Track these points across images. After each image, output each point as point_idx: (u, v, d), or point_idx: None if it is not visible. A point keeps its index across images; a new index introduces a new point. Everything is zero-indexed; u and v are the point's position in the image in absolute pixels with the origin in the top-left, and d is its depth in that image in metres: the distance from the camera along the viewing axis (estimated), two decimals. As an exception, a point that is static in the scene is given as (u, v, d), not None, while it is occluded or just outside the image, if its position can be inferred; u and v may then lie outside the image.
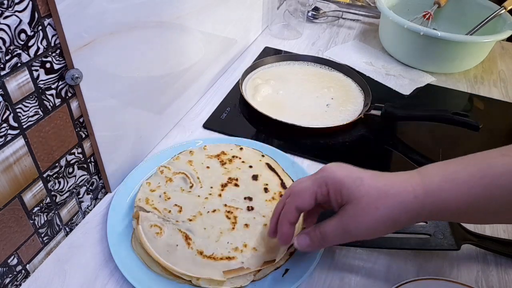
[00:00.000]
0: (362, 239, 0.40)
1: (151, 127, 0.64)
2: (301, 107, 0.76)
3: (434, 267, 0.51)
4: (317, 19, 1.10)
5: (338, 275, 0.50)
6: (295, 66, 0.87)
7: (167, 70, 0.63)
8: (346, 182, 0.40)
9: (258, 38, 1.01)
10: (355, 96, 0.79)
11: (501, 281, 0.50)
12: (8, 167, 0.41)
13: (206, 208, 0.53)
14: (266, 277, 0.48)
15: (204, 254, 0.48)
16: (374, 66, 0.92)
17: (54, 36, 0.41)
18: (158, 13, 0.56)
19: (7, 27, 0.36)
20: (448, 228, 0.49)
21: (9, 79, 0.38)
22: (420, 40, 0.84)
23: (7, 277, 0.46)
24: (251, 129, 0.72)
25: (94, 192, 0.57)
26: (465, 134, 0.68)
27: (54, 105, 0.44)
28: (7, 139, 0.40)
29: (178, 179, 0.58)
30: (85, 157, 0.52)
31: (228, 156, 0.61)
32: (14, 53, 0.38)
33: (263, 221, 0.52)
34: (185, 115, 0.74)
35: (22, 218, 0.45)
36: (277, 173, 0.59)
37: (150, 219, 0.51)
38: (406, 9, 0.99)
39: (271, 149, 0.64)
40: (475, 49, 0.85)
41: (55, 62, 0.43)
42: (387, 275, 0.50)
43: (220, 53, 0.82)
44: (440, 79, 0.88)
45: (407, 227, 0.50)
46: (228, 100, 0.78)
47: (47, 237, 0.50)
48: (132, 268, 0.48)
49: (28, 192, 0.45)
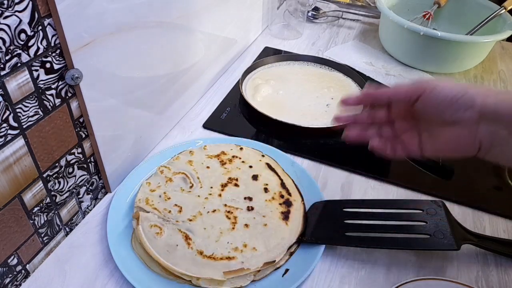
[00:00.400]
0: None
1: (151, 127, 0.64)
2: (301, 107, 0.75)
3: (434, 267, 0.51)
4: (317, 19, 1.10)
5: (338, 275, 0.50)
6: (295, 66, 0.87)
7: (167, 70, 0.63)
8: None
9: (258, 38, 1.01)
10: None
11: (501, 281, 0.50)
12: (8, 167, 0.41)
13: (206, 208, 0.54)
14: (266, 277, 0.48)
15: (204, 254, 0.48)
16: (374, 66, 0.92)
17: (54, 36, 0.41)
18: (158, 13, 0.56)
19: (7, 27, 0.36)
20: (448, 228, 0.49)
21: (9, 79, 0.38)
22: (420, 40, 0.84)
23: (7, 277, 0.46)
24: (251, 129, 0.72)
25: (94, 192, 0.57)
26: (465, 134, 0.68)
27: (54, 105, 0.44)
28: (7, 139, 0.40)
29: (178, 179, 0.58)
30: (85, 157, 0.52)
31: (228, 156, 0.61)
32: (14, 53, 0.38)
33: (263, 221, 0.52)
34: (185, 115, 0.74)
35: (22, 218, 0.45)
36: (277, 173, 0.59)
37: (150, 219, 0.51)
38: (406, 9, 0.99)
39: (271, 149, 0.64)
40: (475, 49, 0.85)
41: (55, 62, 0.43)
42: (387, 275, 0.50)
43: (220, 53, 0.82)
44: (440, 79, 0.88)
45: (409, 228, 0.50)
46: (228, 100, 0.78)
47: (47, 237, 0.50)
48: (132, 268, 0.48)
49: (28, 192, 0.45)
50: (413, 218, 0.51)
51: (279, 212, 0.53)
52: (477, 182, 0.64)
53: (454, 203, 0.59)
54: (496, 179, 0.65)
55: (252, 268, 0.47)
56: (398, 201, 0.58)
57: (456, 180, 0.64)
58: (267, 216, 0.53)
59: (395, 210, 0.52)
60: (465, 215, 0.58)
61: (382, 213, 0.52)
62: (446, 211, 0.51)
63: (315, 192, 0.57)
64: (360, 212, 0.53)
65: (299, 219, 0.53)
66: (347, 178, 0.63)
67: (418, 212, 0.52)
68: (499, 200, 0.61)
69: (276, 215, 0.53)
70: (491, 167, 0.67)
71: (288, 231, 0.52)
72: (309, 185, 0.59)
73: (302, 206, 0.55)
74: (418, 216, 0.51)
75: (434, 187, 0.62)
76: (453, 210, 0.57)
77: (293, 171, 0.61)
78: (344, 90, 0.80)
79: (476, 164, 0.67)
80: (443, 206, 0.52)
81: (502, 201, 0.60)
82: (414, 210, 0.52)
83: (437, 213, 0.51)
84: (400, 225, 0.51)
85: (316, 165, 0.65)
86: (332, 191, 0.61)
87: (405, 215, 0.52)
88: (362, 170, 0.64)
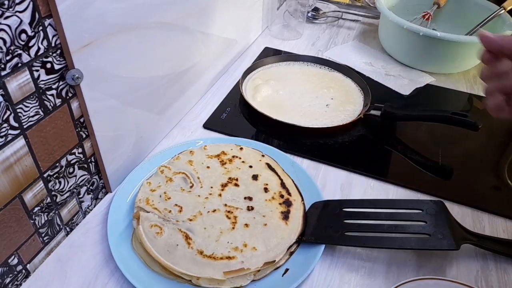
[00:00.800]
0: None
1: (152, 127, 0.65)
2: (301, 107, 0.76)
3: (434, 267, 0.51)
4: (317, 20, 1.11)
5: (338, 274, 0.50)
6: (295, 66, 0.87)
7: (168, 71, 0.63)
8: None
9: (258, 39, 1.01)
10: (355, 96, 0.79)
11: (501, 281, 0.50)
12: (9, 167, 0.41)
13: (206, 208, 0.54)
14: (266, 276, 0.49)
15: (204, 253, 0.48)
16: (373, 67, 0.92)
17: (55, 37, 0.41)
18: (158, 14, 0.56)
19: (8, 28, 0.36)
20: (448, 228, 0.49)
21: (9, 79, 0.38)
22: (419, 40, 0.84)
23: (7, 276, 0.46)
24: (251, 129, 0.72)
25: (95, 192, 0.57)
26: (465, 134, 0.68)
27: (54, 105, 0.45)
28: (8, 139, 0.40)
29: (179, 179, 0.58)
30: (85, 157, 0.52)
31: (228, 156, 0.62)
32: (15, 53, 0.38)
33: (263, 221, 0.52)
34: (185, 115, 0.74)
35: (22, 218, 0.45)
36: (277, 173, 0.60)
37: (150, 219, 0.51)
38: (406, 10, 0.99)
39: (271, 149, 0.65)
40: (475, 49, 0.85)
41: (56, 62, 0.43)
42: (387, 275, 0.50)
43: (220, 54, 0.82)
44: (440, 79, 0.88)
45: (409, 228, 0.50)
46: (228, 100, 0.78)
47: (48, 237, 0.50)
48: (133, 267, 0.48)
49: (29, 192, 0.45)
50: (413, 218, 0.51)
51: (279, 212, 0.54)
52: (477, 182, 0.64)
53: (453, 203, 0.59)
54: (496, 179, 0.65)
55: (252, 268, 0.47)
56: (398, 201, 0.58)
57: (456, 180, 0.65)
58: (267, 216, 0.53)
59: (394, 210, 0.52)
60: (464, 215, 0.58)
61: (382, 213, 0.52)
62: (445, 211, 0.52)
63: (315, 192, 0.58)
64: (360, 212, 0.53)
65: (299, 219, 0.53)
66: (346, 178, 0.63)
67: (418, 212, 0.52)
68: (498, 200, 0.61)
69: (276, 215, 0.53)
70: (490, 167, 0.67)
71: (288, 230, 0.52)
72: (309, 185, 0.59)
73: (302, 206, 0.55)
74: (417, 216, 0.51)
75: (433, 187, 0.62)
76: (453, 210, 0.57)
77: (293, 171, 0.61)
78: (343, 90, 0.80)
79: (476, 164, 0.67)
80: (443, 206, 0.52)
81: (502, 201, 0.61)
82: (413, 210, 0.52)
83: (437, 213, 0.51)
84: (399, 225, 0.51)
85: (316, 165, 0.65)
86: (331, 191, 0.61)
87: (404, 215, 0.52)
88: (361, 170, 0.64)
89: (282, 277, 0.49)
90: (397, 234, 0.50)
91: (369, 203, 0.56)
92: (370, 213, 0.52)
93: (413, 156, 0.68)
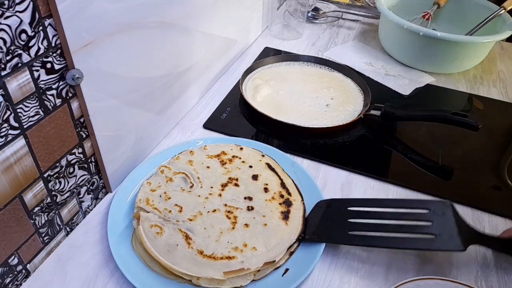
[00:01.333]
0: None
1: (152, 127, 0.65)
2: (301, 107, 0.76)
3: (434, 267, 0.51)
4: (317, 20, 1.11)
5: (338, 275, 0.50)
6: (295, 66, 0.87)
7: (168, 71, 0.63)
8: None
9: (258, 39, 1.01)
10: (355, 96, 0.79)
11: (501, 281, 0.50)
12: (9, 167, 0.41)
13: (206, 208, 0.54)
14: (266, 276, 0.49)
15: (204, 253, 0.48)
16: (373, 67, 0.92)
17: (55, 37, 0.41)
18: (158, 14, 0.56)
19: (8, 28, 0.36)
20: (455, 229, 0.48)
21: (10, 79, 0.38)
22: (419, 40, 0.84)
23: (7, 276, 0.46)
24: (251, 129, 0.72)
25: (95, 192, 0.57)
26: (465, 134, 0.68)
27: (54, 105, 0.45)
28: (8, 139, 0.40)
29: (179, 179, 0.58)
30: (85, 157, 0.52)
31: (228, 156, 0.62)
32: (15, 53, 0.38)
33: (263, 221, 0.52)
34: (185, 115, 0.74)
35: (22, 218, 0.45)
36: (277, 173, 0.60)
37: (150, 219, 0.51)
38: (406, 10, 0.99)
39: (271, 149, 0.65)
40: (475, 49, 0.85)
41: (56, 62, 0.43)
42: (387, 275, 0.50)
43: (220, 54, 0.82)
44: (440, 79, 0.88)
45: (414, 228, 0.50)
46: (228, 100, 0.78)
47: (48, 236, 0.50)
48: (133, 267, 0.48)
49: (29, 192, 0.45)
50: (419, 218, 0.50)
51: (279, 212, 0.54)
52: (477, 182, 0.64)
53: (453, 203, 0.59)
54: (496, 179, 0.65)
55: (252, 268, 0.47)
56: (404, 201, 0.57)
57: (456, 180, 0.65)
58: (267, 215, 0.53)
59: (401, 210, 0.51)
60: (464, 215, 0.57)
61: (387, 212, 0.51)
62: (454, 212, 0.50)
63: (315, 192, 0.58)
64: (365, 211, 0.52)
65: (299, 218, 0.53)
66: (346, 178, 0.63)
67: (425, 212, 0.51)
68: (498, 200, 0.61)
69: (276, 215, 0.53)
70: (490, 167, 0.67)
71: (288, 230, 0.52)
72: (309, 185, 0.59)
73: (302, 205, 0.55)
74: (424, 216, 0.50)
75: (433, 187, 0.62)
76: (453, 210, 0.57)
77: (293, 171, 0.61)
78: (344, 90, 0.80)
79: (476, 164, 0.67)
80: (451, 207, 0.51)
81: (502, 201, 0.61)
82: (420, 210, 0.51)
83: (445, 214, 0.50)
84: (405, 225, 0.50)
85: (316, 165, 0.65)
86: (332, 191, 0.61)
87: (411, 215, 0.51)
88: (361, 170, 0.64)
89: (282, 277, 0.49)
90: (402, 234, 0.50)
91: (375, 203, 0.55)
92: (375, 212, 0.52)
93: (413, 156, 0.68)
